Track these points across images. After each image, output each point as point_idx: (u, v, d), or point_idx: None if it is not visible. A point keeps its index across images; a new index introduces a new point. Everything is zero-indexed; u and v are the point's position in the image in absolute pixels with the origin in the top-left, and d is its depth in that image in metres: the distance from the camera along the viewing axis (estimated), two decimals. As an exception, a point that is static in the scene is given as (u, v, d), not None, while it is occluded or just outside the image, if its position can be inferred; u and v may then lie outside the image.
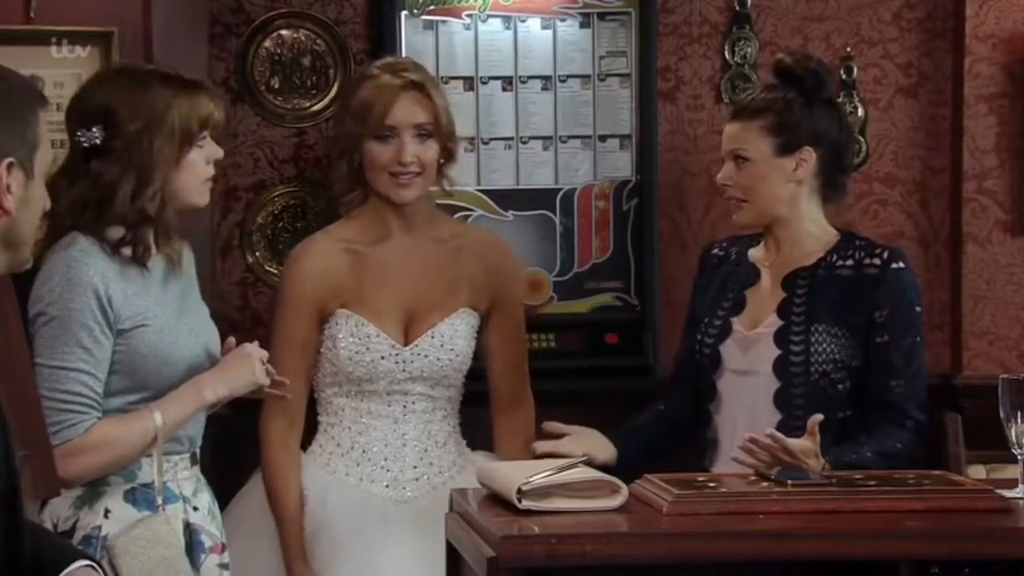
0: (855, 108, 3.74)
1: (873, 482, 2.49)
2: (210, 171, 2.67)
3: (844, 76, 3.74)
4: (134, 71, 2.70)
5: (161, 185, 2.60)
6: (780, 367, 2.82)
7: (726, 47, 3.72)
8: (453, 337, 2.98)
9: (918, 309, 2.87)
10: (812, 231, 2.91)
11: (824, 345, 2.82)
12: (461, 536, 2.44)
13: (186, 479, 2.67)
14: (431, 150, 2.98)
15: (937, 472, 2.64)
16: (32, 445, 2.87)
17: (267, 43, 3.65)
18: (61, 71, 3.17)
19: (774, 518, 2.37)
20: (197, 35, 3.33)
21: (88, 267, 2.56)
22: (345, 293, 2.97)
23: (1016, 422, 2.50)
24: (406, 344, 2.97)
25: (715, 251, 3.04)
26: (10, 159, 1.90)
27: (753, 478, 2.54)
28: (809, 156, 2.89)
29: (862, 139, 3.75)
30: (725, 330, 2.90)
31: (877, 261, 2.86)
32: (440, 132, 2.98)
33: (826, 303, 2.84)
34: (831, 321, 2.82)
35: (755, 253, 2.98)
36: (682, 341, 3.07)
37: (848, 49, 3.75)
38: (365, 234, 3.00)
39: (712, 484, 2.50)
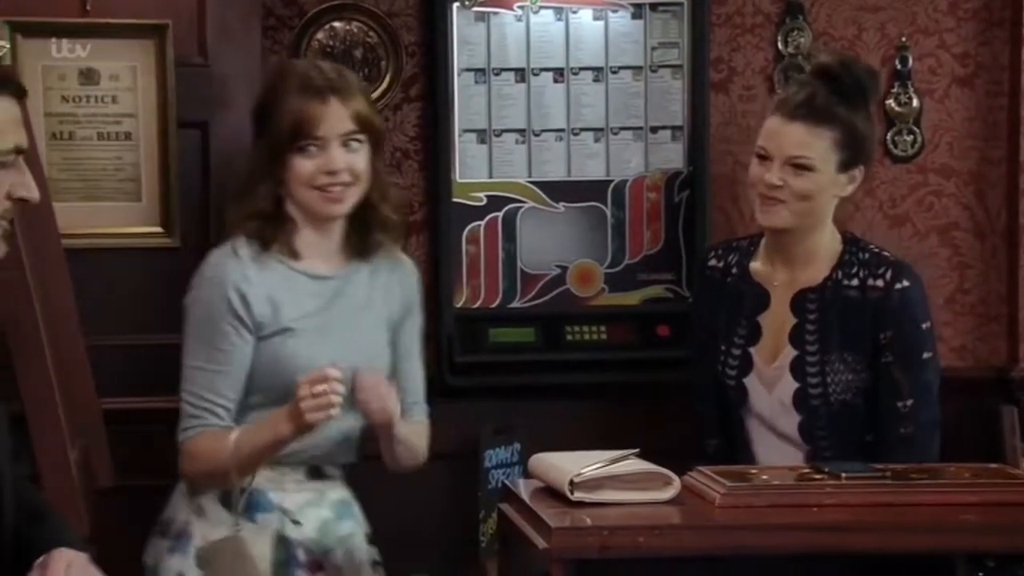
0: (910, 99, 3.71)
1: (928, 475, 2.47)
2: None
3: (899, 66, 3.70)
4: None
5: None
6: (799, 400, 2.76)
7: (779, 37, 3.69)
8: None
9: (925, 327, 2.80)
10: (825, 242, 2.82)
11: (840, 375, 2.76)
12: (513, 528, 2.44)
13: (296, 491, 2.65)
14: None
15: (994, 465, 2.61)
16: (88, 435, 2.91)
17: (320, 35, 3.66)
18: (116, 64, 3.20)
19: (828, 511, 2.36)
20: (251, 27, 3.34)
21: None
22: None
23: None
24: None
25: (712, 262, 2.92)
26: None
27: (806, 471, 2.52)
28: (860, 175, 2.80)
29: (917, 130, 3.72)
30: (746, 363, 2.80)
31: (880, 283, 2.77)
32: None
33: (836, 329, 2.76)
34: (843, 347, 2.75)
35: (759, 269, 2.85)
36: (697, 363, 2.94)
37: (903, 39, 3.71)
38: None
39: (765, 476, 2.48)
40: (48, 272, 2.84)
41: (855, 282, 2.78)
